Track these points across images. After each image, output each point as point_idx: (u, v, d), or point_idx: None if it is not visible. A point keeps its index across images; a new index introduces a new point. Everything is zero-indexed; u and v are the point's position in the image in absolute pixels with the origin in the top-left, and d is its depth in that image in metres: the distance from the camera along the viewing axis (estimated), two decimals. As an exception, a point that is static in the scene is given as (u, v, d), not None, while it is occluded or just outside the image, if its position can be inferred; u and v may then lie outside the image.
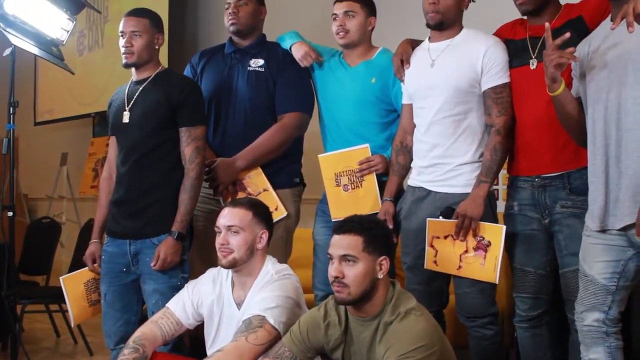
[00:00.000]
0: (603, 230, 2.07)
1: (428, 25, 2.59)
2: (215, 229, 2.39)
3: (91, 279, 2.84)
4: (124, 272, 2.68)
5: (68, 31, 3.41)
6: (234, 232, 2.35)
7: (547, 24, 2.17)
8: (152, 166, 2.66)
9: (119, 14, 5.83)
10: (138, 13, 2.74)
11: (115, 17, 6.10)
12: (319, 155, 2.83)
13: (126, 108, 2.71)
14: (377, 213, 2.65)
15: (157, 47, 2.75)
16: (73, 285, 2.83)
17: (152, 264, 2.59)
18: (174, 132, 2.68)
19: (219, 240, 2.36)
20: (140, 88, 2.72)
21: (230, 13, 2.91)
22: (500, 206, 2.60)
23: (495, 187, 3.50)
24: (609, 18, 2.16)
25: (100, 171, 6.10)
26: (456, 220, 2.41)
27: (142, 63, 2.72)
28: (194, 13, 5.95)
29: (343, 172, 2.77)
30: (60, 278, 2.85)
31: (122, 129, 2.73)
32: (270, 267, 2.39)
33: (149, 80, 2.73)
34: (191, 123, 2.67)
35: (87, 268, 2.83)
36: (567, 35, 2.09)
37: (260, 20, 2.99)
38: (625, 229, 2.01)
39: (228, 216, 2.37)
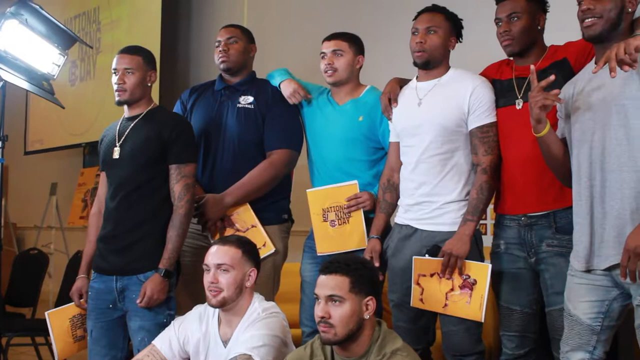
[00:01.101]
0: (588, 270, 2.08)
1: (415, 64, 2.62)
2: (204, 266, 2.39)
3: (77, 314, 2.82)
4: (110, 308, 2.67)
5: (59, 66, 3.42)
6: (224, 270, 2.35)
7: (532, 66, 2.21)
8: (140, 202, 2.67)
9: (112, 46, 5.96)
10: (131, 51, 2.76)
11: (108, 48, 6.16)
12: (307, 190, 2.84)
13: (117, 144, 2.73)
14: (363, 249, 2.66)
15: (149, 85, 2.77)
16: (58, 321, 2.81)
17: (137, 301, 2.58)
18: (163, 169, 2.69)
19: (208, 278, 2.36)
20: (132, 125, 2.74)
21: (220, 51, 2.94)
22: (489, 241, 2.61)
23: (483, 221, 3.53)
24: (593, 60, 2.20)
25: (89, 202, 6.09)
26: (442, 259, 2.42)
27: (135, 100, 2.74)
28: (185, 49, 6.01)
29: (331, 207, 2.77)
30: (46, 313, 2.83)
31: (112, 164, 2.73)
32: (257, 304, 2.40)
33: (140, 117, 2.74)
34: (181, 160, 2.68)
35: (73, 303, 2.81)
36: (552, 78, 2.13)
37: (250, 57, 3.03)
38: (609, 269, 2.02)
39: (218, 254, 2.37)
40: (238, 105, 2.93)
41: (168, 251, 2.62)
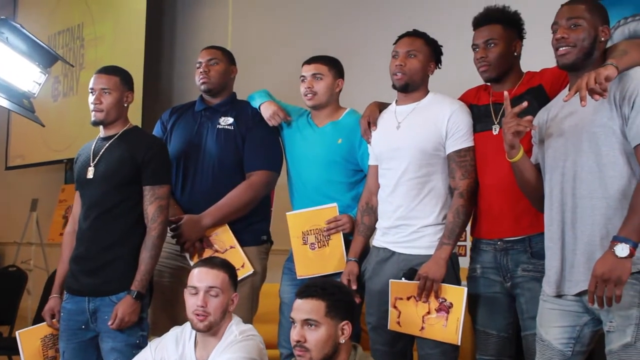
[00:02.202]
0: (559, 296, 2.10)
1: (394, 87, 2.65)
2: (190, 289, 2.37)
3: (49, 334, 2.80)
4: (82, 329, 2.66)
5: (40, 84, 3.43)
6: (213, 295, 2.34)
7: (505, 93, 2.25)
8: (113, 223, 2.66)
9: (95, 62, 5.96)
10: (109, 71, 2.77)
11: (91, 65, 6.14)
12: (287, 213, 2.85)
13: (91, 164, 2.72)
14: (342, 272, 2.67)
15: (126, 105, 2.78)
16: (29, 340, 2.79)
17: (109, 323, 2.57)
18: (137, 190, 2.68)
19: (195, 301, 2.33)
20: (107, 145, 2.74)
21: (201, 72, 2.96)
22: (468, 262, 2.63)
23: (463, 243, 3.55)
24: (567, 87, 2.23)
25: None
26: (418, 282, 2.43)
27: (111, 121, 2.74)
28: (169, 68, 6.02)
29: (310, 230, 2.78)
30: (17, 332, 2.82)
31: (86, 184, 2.73)
32: (235, 327, 2.39)
33: (115, 137, 2.75)
34: (155, 182, 2.68)
35: (45, 323, 2.79)
36: (525, 104, 2.16)
37: (231, 79, 3.05)
38: (580, 294, 2.04)
39: (209, 278, 2.36)
40: (218, 126, 2.94)
41: (140, 273, 2.61)
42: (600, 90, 1.93)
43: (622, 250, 1.89)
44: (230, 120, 2.95)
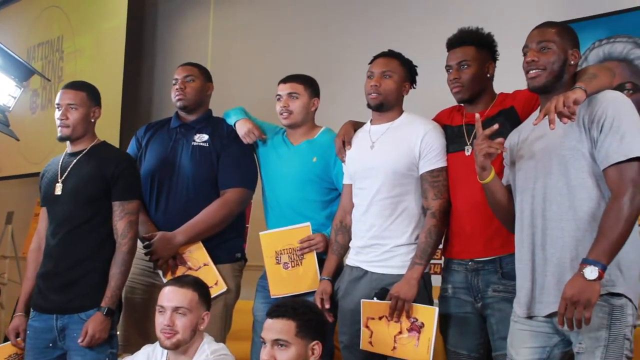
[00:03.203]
0: (530, 317, 2.11)
1: (369, 106, 2.66)
2: (158, 307, 2.36)
3: (13, 354, 2.76)
4: (49, 347, 2.62)
5: (15, 97, 3.41)
6: (181, 313, 2.33)
7: (477, 115, 2.27)
8: (82, 239, 2.64)
9: (74, 75, 5.93)
10: (76, 86, 2.76)
11: (70, 78, 6.08)
12: (260, 233, 2.85)
13: (59, 180, 2.70)
14: (315, 291, 2.66)
15: (93, 121, 2.76)
16: None
17: (79, 340, 2.54)
18: (106, 205, 2.66)
19: (163, 321, 2.32)
20: (75, 160, 2.72)
21: (177, 89, 2.96)
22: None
23: (438, 261, 3.56)
24: (538, 109, 2.26)
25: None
26: (390, 302, 2.43)
27: (78, 136, 2.73)
28: (148, 83, 6.01)
29: (284, 250, 2.77)
30: None
31: (54, 200, 2.70)
32: (207, 346, 2.38)
33: (83, 153, 2.73)
34: (125, 197, 2.67)
35: (9, 342, 2.75)
36: (496, 127, 2.18)
37: (207, 96, 3.04)
38: (550, 315, 2.05)
39: (176, 297, 2.35)
40: (193, 143, 2.93)
41: (111, 289, 2.60)
42: (569, 114, 1.95)
43: (591, 272, 1.90)
44: (206, 137, 2.94)
